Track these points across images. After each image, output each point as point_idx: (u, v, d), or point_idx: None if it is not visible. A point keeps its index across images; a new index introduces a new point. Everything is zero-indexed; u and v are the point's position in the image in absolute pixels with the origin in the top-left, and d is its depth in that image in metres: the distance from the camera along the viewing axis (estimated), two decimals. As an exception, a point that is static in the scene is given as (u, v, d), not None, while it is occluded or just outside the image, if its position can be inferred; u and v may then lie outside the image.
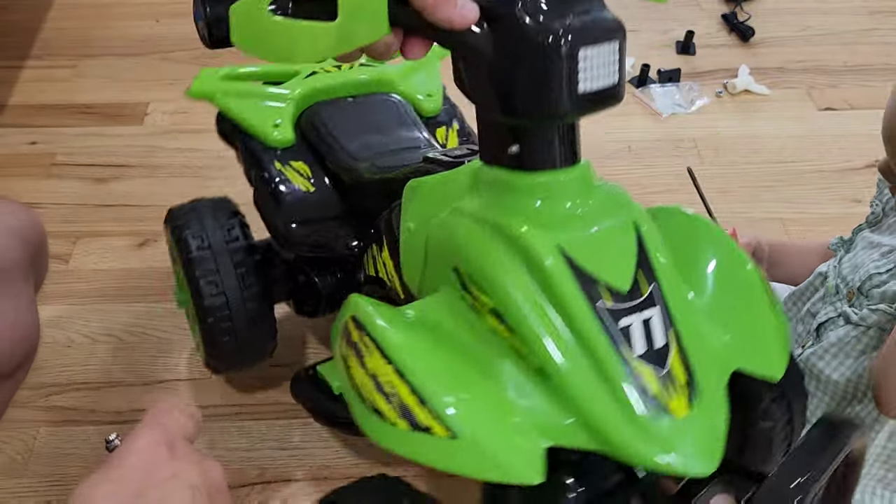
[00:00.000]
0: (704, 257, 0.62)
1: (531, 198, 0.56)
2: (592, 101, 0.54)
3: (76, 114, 1.55)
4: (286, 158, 0.99)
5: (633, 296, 0.54)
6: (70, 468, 1.04)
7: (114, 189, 1.42)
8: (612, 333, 0.53)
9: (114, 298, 1.24)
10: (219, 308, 0.93)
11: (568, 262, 0.54)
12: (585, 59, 0.52)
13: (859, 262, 0.87)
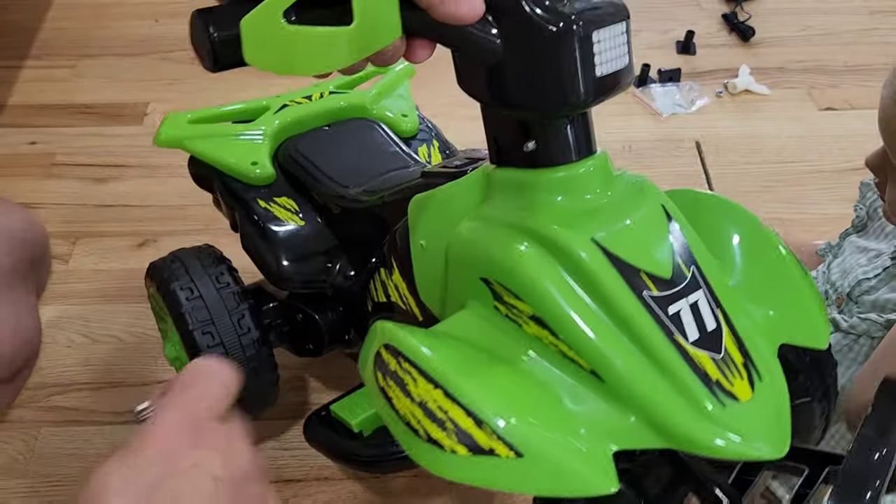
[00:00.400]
0: (730, 236, 0.61)
1: (554, 194, 0.55)
2: (608, 86, 0.53)
3: (76, 114, 1.55)
4: (270, 195, 0.96)
5: (676, 281, 0.53)
6: (71, 468, 1.04)
7: (113, 189, 1.42)
8: (664, 322, 0.51)
9: (114, 298, 1.24)
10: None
11: (606, 255, 0.52)
12: (599, 42, 0.50)
13: (848, 268, 0.86)
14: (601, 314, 0.52)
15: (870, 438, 0.53)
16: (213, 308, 0.90)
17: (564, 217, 0.54)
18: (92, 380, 1.13)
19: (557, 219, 0.54)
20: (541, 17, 0.49)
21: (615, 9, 0.52)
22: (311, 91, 1.06)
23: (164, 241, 1.32)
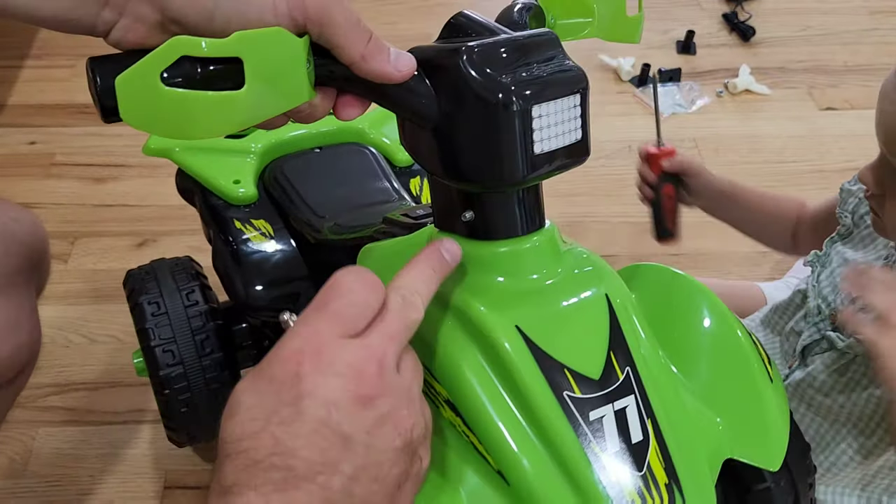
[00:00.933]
0: (698, 326, 0.56)
1: (488, 270, 0.50)
2: (552, 163, 0.47)
3: (75, 114, 1.55)
4: (248, 216, 0.93)
5: (605, 383, 0.48)
6: (69, 469, 1.03)
7: (113, 189, 1.42)
8: (582, 429, 0.46)
9: (113, 298, 1.24)
10: (175, 379, 0.86)
11: (529, 346, 0.47)
12: (541, 117, 0.46)
13: (838, 282, 0.83)
14: (515, 410, 0.47)
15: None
16: (178, 326, 0.87)
17: (494, 297, 0.49)
18: (90, 380, 1.13)
19: (486, 298, 0.49)
20: (479, 85, 0.45)
21: (569, 79, 0.47)
22: None
23: (164, 241, 1.32)
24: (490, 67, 0.45)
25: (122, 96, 0.40)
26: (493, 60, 0.45)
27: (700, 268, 1.30)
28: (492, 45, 0.46)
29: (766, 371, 0.54)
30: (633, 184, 1.04)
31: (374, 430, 0.42)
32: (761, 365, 0.54)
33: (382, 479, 0.42)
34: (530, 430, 0.47)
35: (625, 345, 0.49)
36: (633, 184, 1.04)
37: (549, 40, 0.48)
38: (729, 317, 0.56)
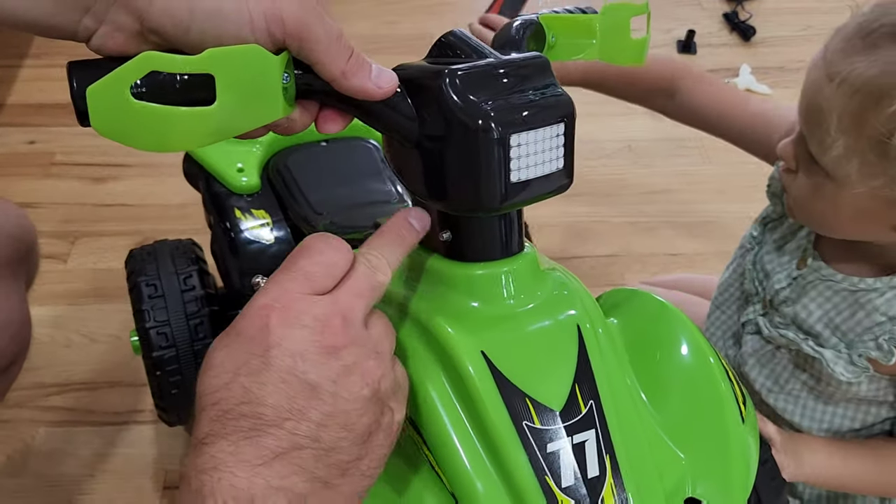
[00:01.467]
0: (671, 357, 0.55)
1: (462, 292, 0.49)
2: (530, 191, 0.47)
3: (75, 113, 1.55)
4: (249, 206, 0.93)
5: (566, 415, 0.47)
6: (69, 468, 1.03)
7: (112, 189, 1.42)
8: (537, 460, 0.46)
9: (112, 298, 1.24)
10: (167, 361, 0.87)
11: (492, 372, 0.47)
12: (520, 146, 0.45)
13: (769, 269, 0.82)
14: (473, 435, 0.47)
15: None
16: (173, 310, 0.88)
17: (464, 319, 0.48)
18: (90, 380, 1.13)
19: (456, 320, 0.48)
20: (459, 109, 0.44)
21: (553, 108, 0.46)
22: None
23: (164, 241, 1.32)
24: (472, 92, 0.44)
25: (92, 106, 0.40)
26: (475, 85, 0.45)
27: (698, 268, 1.30)
28: (476, 69, 0.45)
29: (738, 411, 0.54)
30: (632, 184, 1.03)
31: (341, 378, 0.43)
32: (734, 405, 0.54)
33: (350, 426, 0.43)
34: (486, 456, 0.46)
35: (591, 377, 0.48)
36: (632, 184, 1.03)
37: (538, 65, 0.47)
38: (708, 353, 0.55)
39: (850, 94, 0.63)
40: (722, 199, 1.41)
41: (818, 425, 0.82)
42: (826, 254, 0.78)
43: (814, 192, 0.70)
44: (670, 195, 1.43)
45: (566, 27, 0.59)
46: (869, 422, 0.80)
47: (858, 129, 0.63)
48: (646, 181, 1.44)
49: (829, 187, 0.68)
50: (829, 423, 0.81)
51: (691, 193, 1.44)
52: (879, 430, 0.81)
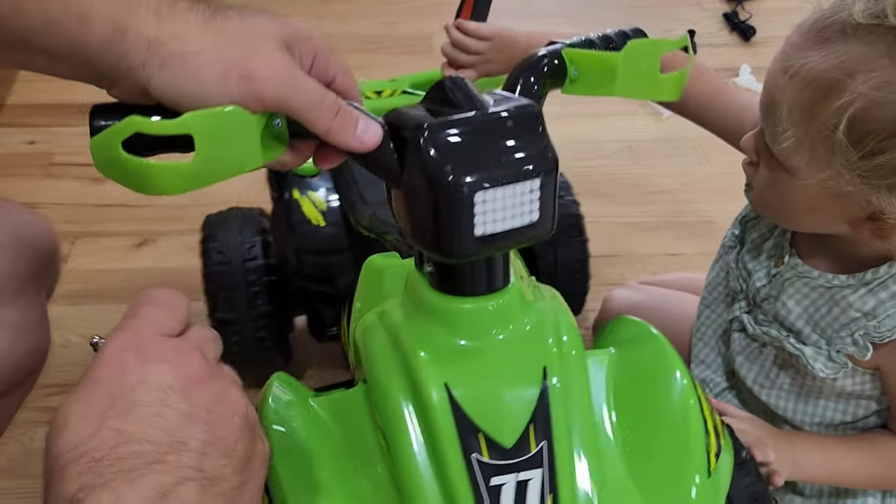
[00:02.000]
0: (654, 397, 0.57)
1: (440, 322, 0.52)
2: (497, 243, 0.48)
3: (75, 113, 1.54)
4: (307, 187, 0.98)
5: (516, 453, 0.49)
6: (68, 469, 1.03)
7: (112, 189, 1.41)
8: (480, 492, 0.49)
9: (112, 299, 1.24)
10: (228, 323, 0.96)
11: (451, 404, 0.49)
12: (485, 202, 0.46)
13: (750, 268, 0.83)
14: (426, 459, 0.50)
15: None
16: (235, 276, 0.95)
17: (436, 349, 0.51)
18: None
19: (429, 348, 0.51)
20: (430, 165, 0.46)
21: (529, 164, 0.47)
22: (385, 87, 1.05)
23: (163, 241, 1.32)
24: (447, 148, 0.46)
25: (94, 154, 0.45)
26: (452, 141, 0.46)
27: (698, 267, 1.30)
28: (455, 125, 0.46)
29: (706, 465, 0.55)
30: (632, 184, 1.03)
31: (213, 406, 0.43)
32: (702, 459, 0.55)
33: (230, 453, 0.43)
34: (436, 479, 0.50)
35: (548, 419, 0.50)
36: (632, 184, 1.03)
37: (526, 116, 0.48)
38: (689, 398, 0.56)
39: (801, 87, 0.65)
40: (722, 199, 1.40)
41: (810, 419, 0.82)
42: (802, 251, 0.78)
43: (772, 184, 0.71)
44: (670, 195, 1.42)
45: (588, 63, 0.59)
46: (860, 414, 0.81)
47: (808, 122, 0.64)
48: (646, 181, 1.44)
49: (785, 179, 0.69)
50: (820, 416, 0.82)
51: (691, 193, 1.44)
52: (874, 423, 0.81)
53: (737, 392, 0.91)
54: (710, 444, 0.56)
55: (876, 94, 0.60)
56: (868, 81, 0.61)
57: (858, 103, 0.61)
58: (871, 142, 0.61)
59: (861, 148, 0.62)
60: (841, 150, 0.63)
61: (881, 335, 0.72)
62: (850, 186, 0.64)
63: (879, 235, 0.67)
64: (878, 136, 0.61)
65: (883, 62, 0.61)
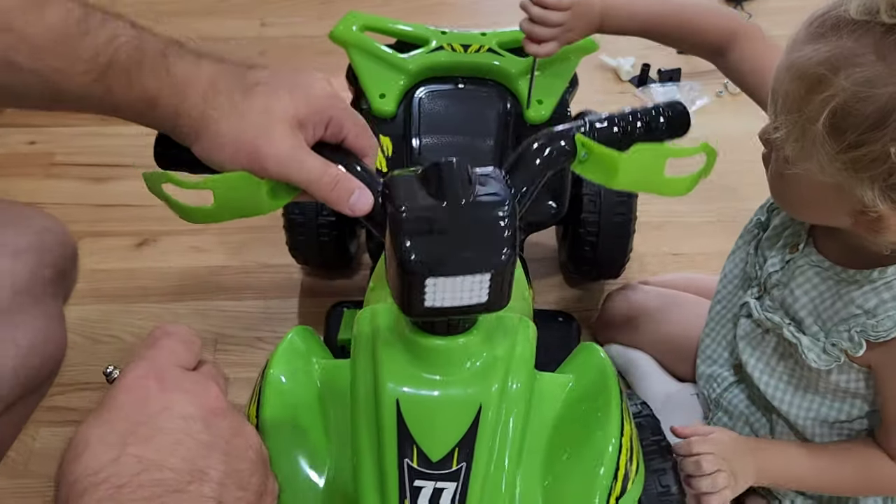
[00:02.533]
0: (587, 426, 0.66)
1: (407, 350, 0.61)
2: (448, 313, 0.56)
3: (75, 113, 1.55)
4: (378, 130, 1.01)
5: (439, 466, 0.60)
6: (69, 469, 1.03)
7: (113, 189, 1.41)
8: (404, 487, 0.60)
9: (114, 298, 1.24)
10: (297, 222, 1.12)
11: (398, 417, 0.60)
12: (435, 285, 0.54)
13: (767, 254, 0.84)
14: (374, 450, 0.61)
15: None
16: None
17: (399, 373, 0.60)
18: (92, 380, 1.13)
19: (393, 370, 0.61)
20: (397, 243, 0.54)
21: (481, 260, 0.54)
22: (472, 41, 1.07)
23: (164, 241, 1.32)
24: (411, 235, 0.54)
25: (146, 182, 0.60)
26: (417, 229, 0.54)
27: (698, 267, 1.30)
28: (424, 215, 0.54)
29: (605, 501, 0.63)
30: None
31: (231, 438, 0.46)
32: (604, 497, 0.63)
33: (246, 486, 0.44)
34: (375, 467, 0.61)
35: (472, 446, 0.60)
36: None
37: (492, 215, 0.55)
38: (611, 438, 0.64)
39: (793, 79, 0.67)
40: (723, 199, 1.41)
41: (805, 413, 0.83)
42: (818, 241, 0.79)
43: (779, 175, 0.73)
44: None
45: (594, 153, 0.63)
46: (854, 414, 0.81)
47: (796, 113, 0.67)
48: (646, 181, 1.44)
49: (789, 170, 0.71)
50: (815, 412, 0.82)
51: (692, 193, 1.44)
52: (869, 426, 0.82)
53: (743, 387, 0.91)
54: (616, 487, 0.63)
55: (858, 90, 0.62)
56: (852, 76, 0.63)
57: (840, 97, 0.63)
58: (850, 135, 0.63)
59: (842, 141, 0.64)
60: (822, 142, 0.64)
61: (877, 334, 0.72)
62: (834, 178, 0.66)
63: (871, 230, 0.68)
64: (857, 129, 0.63)
65: (869, 58, 0.62)
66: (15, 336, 0.66)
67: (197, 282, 1.27)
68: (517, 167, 0.63)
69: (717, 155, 0.65)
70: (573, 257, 1.18)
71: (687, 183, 0.65)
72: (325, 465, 0.65)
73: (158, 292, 1.25)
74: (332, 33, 1.06)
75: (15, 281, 0.67)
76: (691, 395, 1.01)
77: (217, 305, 1.23)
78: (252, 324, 1.21)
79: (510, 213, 0.56)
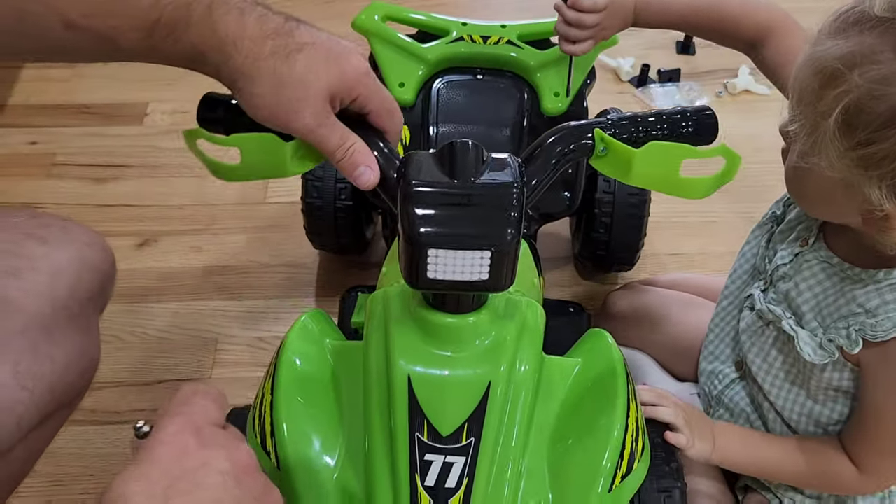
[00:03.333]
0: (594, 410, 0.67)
1: (419, 328, 0.64)
2: (448, 286, 0.59)
3: (76, 114, 1.55)
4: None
5: (449, 441, 0.62)
6: (70, 468, 1.04)
7: (114, 189, 1.42)
8: (414, 460, 0.62)
9: (114, 298, 1.23)
10: (315, 205, 1.13)
11: (409, 393, 0.62)
12: (437, 257, 0.57)
13: (778, 247, 0.84)
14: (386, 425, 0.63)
15: None
16: (326, 172, 1.11)
17: (410, 350, 0.63)
18: (92, 379, 1.13)
19: (405, 347, 0.63)
20: (405, 214, 0.57)
21: (482, 237, 0.57)
22: (492, 33, 1.08)
23: (164, 241, 1.32)
24: (419, 207, 0.57)
25: (185, 138, 0.66)
26: (426, 202, 0.57)
27: (698, 267, 1.31)
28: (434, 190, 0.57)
29: (609, 482, 0.65)
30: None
31: (261, 497, 0.49)
32: (609, 476, 0.65)
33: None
34: (387, 442, 0.63)
35: (481, 423, 0.62)
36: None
37: (499, 195, 0.57)
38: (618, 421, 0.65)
39: (812, 73, 0.67)
40: (723, 199, 1.41)
41: (800, 410, 0.83)
42: (829, 237, 0.80)
43: (794, 169, 0.73)
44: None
45: (612, 147, 0.65)
46: (846, 414, 0.81)
47: (811, 106, 0.67)
48: (646, 181, 1.44)
49: (803, 164, 0.70)
50: (809, 409, 0.83)
51: (691, 194, 1.44)
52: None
53: (745, 384, 0.91)
54: (621, 466, 0.65)
55: (873, 87, 0.62)
56: (867, 73, 0.62)
57: (855, 94, 0.62)
58: (861, 133, 0.63)
59: (852, 138, 0.63)
60: (832, 138, 0.64)
61: (875, 334, 0.72)
62: (843, 175, 0.66)
63: (878, 229, 0.68)
64: (868, 127, 0.62)
65: (887, 55, 0.62)
66: (52, 352, 0.66)
67: (197, 282, 1.27)
68: (535, 157, 0.64)
69: (739, 159, 0.65)
70: (587, 245, 1.18)
71: (705, 185, 0.65)
72: (337, 442, 0.67)
73: (158, 292, 1.25)
74: (354, 22, 1.08)
75: (55, 297, 0.67)
76: (691, 394, 1.01)
77: (217, 305, 1.24)
78: (252, 324, 1.21)
79: (517, 196, 0.57)
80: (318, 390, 0.69)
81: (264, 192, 1.40)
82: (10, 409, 0.62)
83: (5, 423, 0.62)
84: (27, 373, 0.63)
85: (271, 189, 1.40)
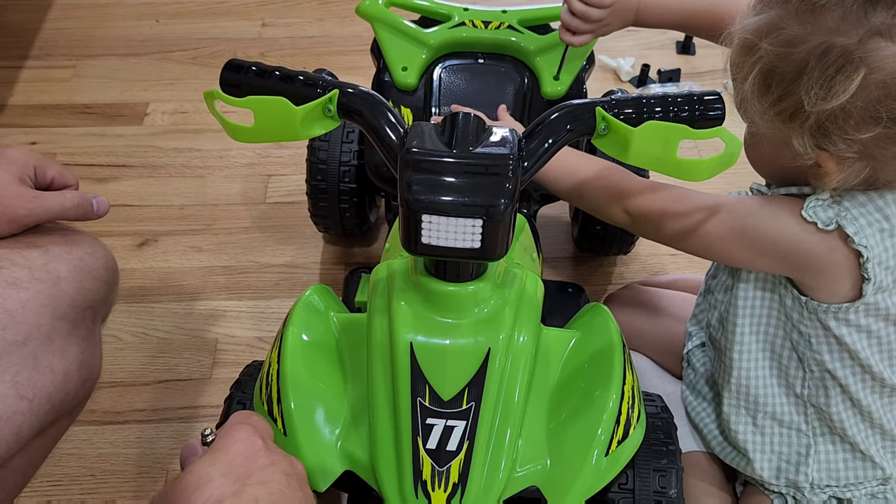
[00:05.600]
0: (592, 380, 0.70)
1: (421, 296, 0.66)
2: (442, 252, 0.61)
3: (76, 114, 1.55)
4: (399, 101, 1.07)
5: (451, 405, 0.65)
6: (70, 468, 1.04)
7: (114, 189, 1.42)
8: (417, 424, 0.65)
9: (114, 298, 1.24)
10: (319, 188, 1.15)
11: (411, 359, 0.65)
12: (430, 223, 0.59)
13: None
14: (389, 389, 0.66)
15: None
16: (331, 155, 1.13)
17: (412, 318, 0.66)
18: (94, 388, 1.13)
19: (406, 316, 0.66)
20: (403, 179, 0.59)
21: (475, 206, 0.59)
22: (493, 18, 1.11)
23: (164, 241, 1.32)
24: (416, 173, 0.59)
25: (205, 98, 0.69)
26: (422, 168, 0.59)
27: (698, 267, 1.30)
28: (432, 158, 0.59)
29: (607, 448, 0.67)
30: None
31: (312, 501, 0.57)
32: (606, 442, 0.67)
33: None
34: (390, 406, 0.66)
35: (480, 388, 0.65)
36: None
37: (494, 167, 0.59)
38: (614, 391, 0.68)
39: (735, 46, 0.75)
40: (721, 200, 1.41)
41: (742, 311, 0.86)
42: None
43: (745, 140, 0.81)
44: (670, 195, 1.42)
45: (612, 126, 0.66)
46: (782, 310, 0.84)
47: (735, 75, 0.75)
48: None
49: (749, 133, 0.79)
50: (751, 307, 0.86)
51: (691, 194, 1.44)
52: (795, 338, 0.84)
53: (709, 350, 0.95)
54: (618, 432, 0.68)
55: (780, 50, 0.69)
56: (775, 40, 0.70)
57: (765, 59, 0.70)
58: (774, 90, 0.70)
59: (769, 96, 0.71)
60: (753, 99, 0.72)
61: None
62: (772, 132, 0.73)
63: (815, 177, 0.74)
64: (780, 85, 0.70)
65: (788, 21, 0.70)
66: (52, 363, 0.66)
67: (197, 282, 1.27)
68: (535, 134, 0.65)
69: (740, 143, 0.65)
70: (585, 232, 1.20)
71: (705, 167, 0.64)
72: (342, 409, 0.70)
73: (158, 292, 1.25)
74: (358, 8, 1.10)
75: (55, 307, 0.67)
76: (690, 394, 1.01)
77: (217, 305, 1.24)
78: (252, 324, 1.21)
79: (512, 168, 0.59)
80: (323, 360, 0.72)
81: (264, 192, 1.40)
82: (9, 420, 0.63)
83: (4, 433, 0.62)
84: (27, 383, 0.64)
85: (271, 189, 1.40)
